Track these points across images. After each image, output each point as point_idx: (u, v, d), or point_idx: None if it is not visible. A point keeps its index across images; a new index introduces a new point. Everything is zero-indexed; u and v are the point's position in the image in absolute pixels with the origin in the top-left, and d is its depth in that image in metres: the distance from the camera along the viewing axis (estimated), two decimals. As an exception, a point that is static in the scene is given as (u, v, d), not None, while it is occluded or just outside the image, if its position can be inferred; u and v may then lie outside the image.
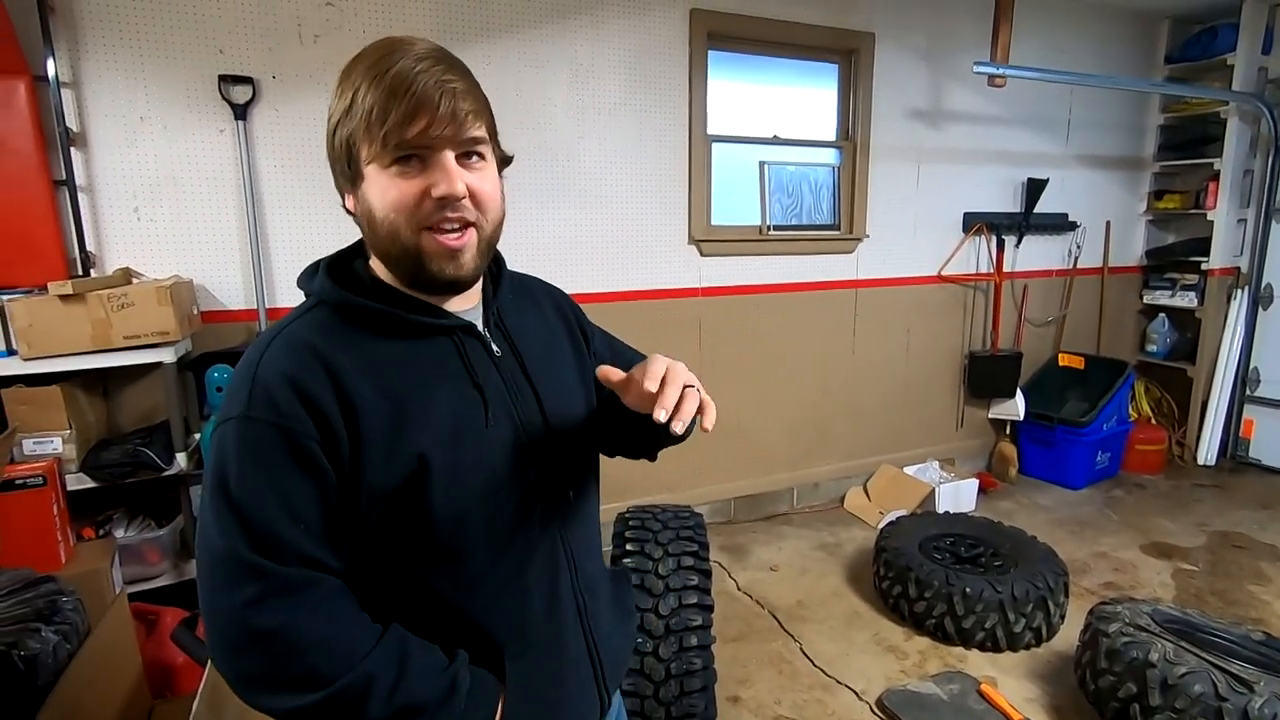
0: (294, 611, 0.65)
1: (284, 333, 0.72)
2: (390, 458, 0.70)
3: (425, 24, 2.53)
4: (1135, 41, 4.10)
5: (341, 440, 0.68)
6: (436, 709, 0.69)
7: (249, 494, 0.66)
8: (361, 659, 0.67)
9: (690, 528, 2.01)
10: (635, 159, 2.97)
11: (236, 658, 0.66)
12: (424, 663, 0.71)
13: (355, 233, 0.80)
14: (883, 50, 3.36)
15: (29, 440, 1.98)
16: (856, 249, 3.50)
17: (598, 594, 0.88)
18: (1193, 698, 1.74)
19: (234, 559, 0.65)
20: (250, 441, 0.67)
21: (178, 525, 2.28)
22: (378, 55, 0.69)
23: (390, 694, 0.67)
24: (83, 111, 2.17)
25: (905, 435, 3.85)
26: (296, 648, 0.65)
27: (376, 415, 0.69)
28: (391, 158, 0.69)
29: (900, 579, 2.54)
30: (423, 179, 0.70)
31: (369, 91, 0.67)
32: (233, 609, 0.65)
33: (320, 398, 0.68)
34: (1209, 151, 4.02)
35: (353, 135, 0.70)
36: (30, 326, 1.91)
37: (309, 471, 0.67)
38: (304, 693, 0.65)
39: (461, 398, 0.75)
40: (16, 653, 1.28)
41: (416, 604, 0.75)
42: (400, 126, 0.67)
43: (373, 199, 0.71)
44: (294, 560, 0.67)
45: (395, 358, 0.73)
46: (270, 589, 0.65)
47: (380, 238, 0.72)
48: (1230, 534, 3.31)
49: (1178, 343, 4.32)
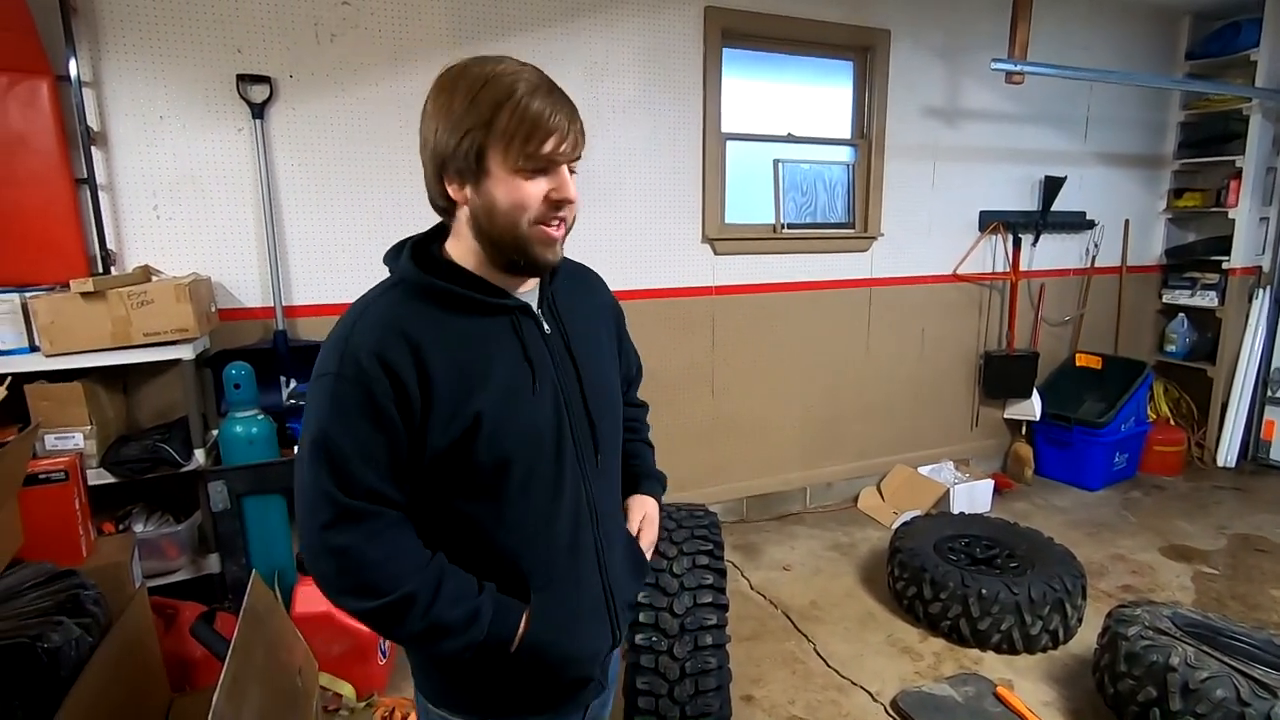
0: (358, 535, 0.81)
1: (372, 307, 0.86)
2: (453, 418, 0.83)
3: (441, 22, 2.54)
4: (1155, 37, 4.05)
5: (415, 402, 0.82)
6: (460, 631, 0.84)
7: (332, 437, 0.81)
8: (409, 580, 0.82)
9: (705, 527, 2.00)
10: (649, 157, 2.96)
11: (316, 562, 0.84)
12: (456, 592, 0.85)
13: (372, 229, 0.85)
14: (898, 47, 3.34)
15: (51, 435, 2.01)
16: (871, 247, 3.48)
17: (614, 545, 1.00)
18: (1215, 702, 1.72)
19: (317, 486, 0.81)
20: (338, 395, 0.81)
21: (195, 520, 2.31)
22: (511, 79, 0.81)
23: (425, 612, 0.82)
24: (103, 111, 2.20)
25: (919, 435, 3.82)
26: (358, 564, 0.82)
27: (445, 383, 0.83)
28: (528, 168, 0.82)
29: (915, 580, 2.52)
30: (545, 183, 0.84)
31: (513, 113, 0.80)
32: (315, 526, 0.82)
33: (400, 366, 0.81)
34: (1230, 149, 3.97)
35: (486, 143, 0.81)
36: (52, 323, 1.94)
37: (384, 423, 0.81)
38: (363, 599, 0.82)
39: (514, 368, 0.88)
40: (40, 645, 1.29)
41: (462, 536, 0.89)
42: (541, 147, 0.81)
43: (499, 194, 0.83)
44: (362, 494, 0.82)
45: (463, 331, 0.86)
46: (341, 513, 0.81)
47: (497, 226, 0.84)
48: (1251, 537, 3.27)
49: (1197, 343, 4.27)
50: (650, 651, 1.81)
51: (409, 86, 2.53)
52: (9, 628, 1.32)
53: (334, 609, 2.02)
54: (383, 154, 2.53)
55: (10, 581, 1.48)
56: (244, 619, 1.30)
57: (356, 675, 2.05)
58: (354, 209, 2.52)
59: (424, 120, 0.85)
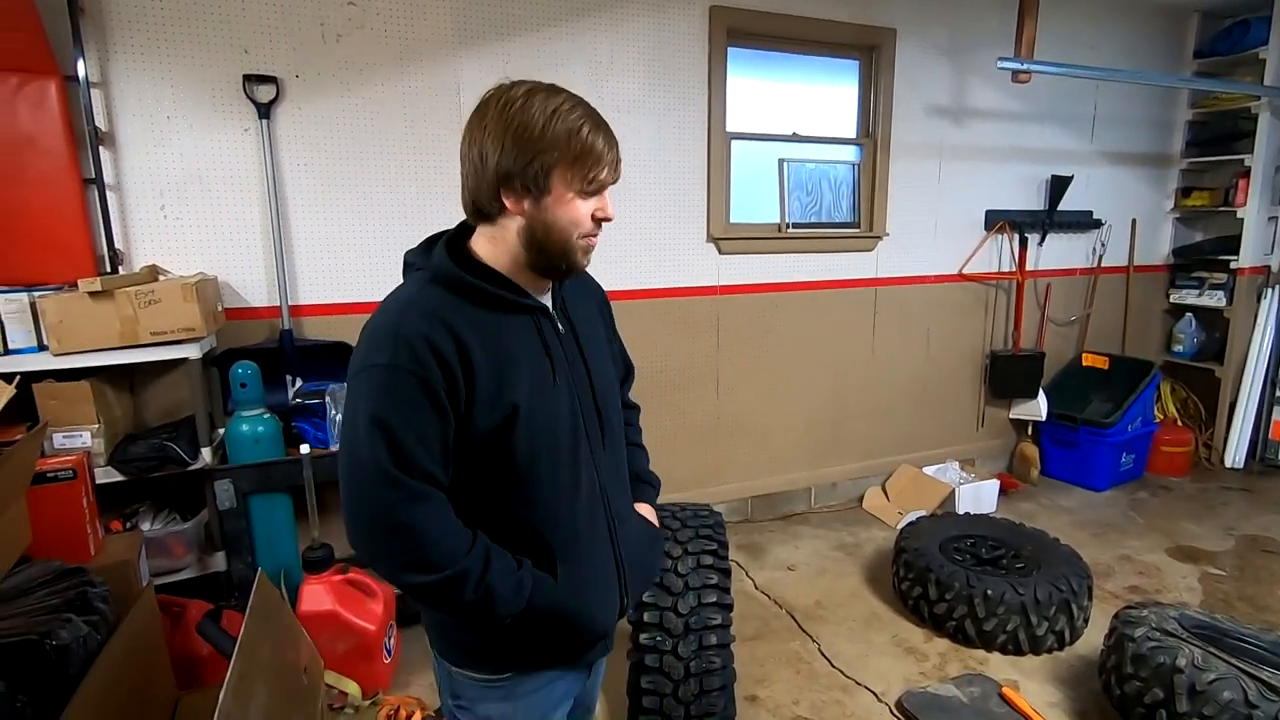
0: (420, 514, 0.89)
1: (415, 302, 0.92)
2: (493, 407, 0.92)
3: (447, 23, 2.54)
4: (1163, 36, 4.02)
5: (460, 390, 0.89)
6: (508, 599, 0.94)
7: (393, 423, 0.87)
8: (463, 556, 0.91)
9: (709, 527, 2.00)
10: (654, 157, 2.96)
11: (375, 541, 0.90)
12: (501, 565, 0.94)
13: (378, 229, 0.86)
14: (904, 46, 3.33)
15: (59, 434, 2.02)
16: (876, 247, 3.47)
17: (626, 522, 1.11)
18: (1222, 704, 1.71)
19: (378, 468, 0.87)
20: (394, 384, 0.87)
21: (202, 519, 2.32)
22: (582, 110, 0.93)
23: (478, 583, 0.91)
24: (111, 111, 2.21)
25: (925, 435, 3.81)
26: (421, 541, 0.89)
27: (485, 374, 0.91)
28: (585, 190, 0.93)
29: (920, 580, 2.51)
30: (592, 204, 0.95)
31: (586, 141, 0.91)
32: (377, 507, 0.88)
33: (449, 356, 0.88)
34: (1239, 148, 3.94)
35: (553, 162, 0.90)
36: (60, 323, 1.95)
37: (436, 410, 0.88)
38: (425, 573, 0.89)
39: (537, 361, 0.97)
40: (48, 642, 1.30)
41: (497, 516, 0.98)
42: (600, 173, 0.94)
43: (557, 211, 0.93)
44: (420, 475, 0.89)
45: (494, 326, 0.94)
46: (405, 494, 0.88)
47: (551, 237, 0.94)
48: (1259, 538, 3.25)
49: (1205, 343, 4.24)
50: (655, 651, 1.81)
51: (415, 86, 2.53)
52: (17, 625, 1.33)
53: (340, 607, 2.05)
54: (389, 154, 2.54)
55: (18, 579, 1.49)
56: (250, 617, 1.31)
57: (362, 673, 2.05)
58: (360, 209, 2.53)
59: (486, 134, 0.91)
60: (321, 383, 2.43)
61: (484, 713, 1.06)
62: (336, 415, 2.33)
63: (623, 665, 1.87)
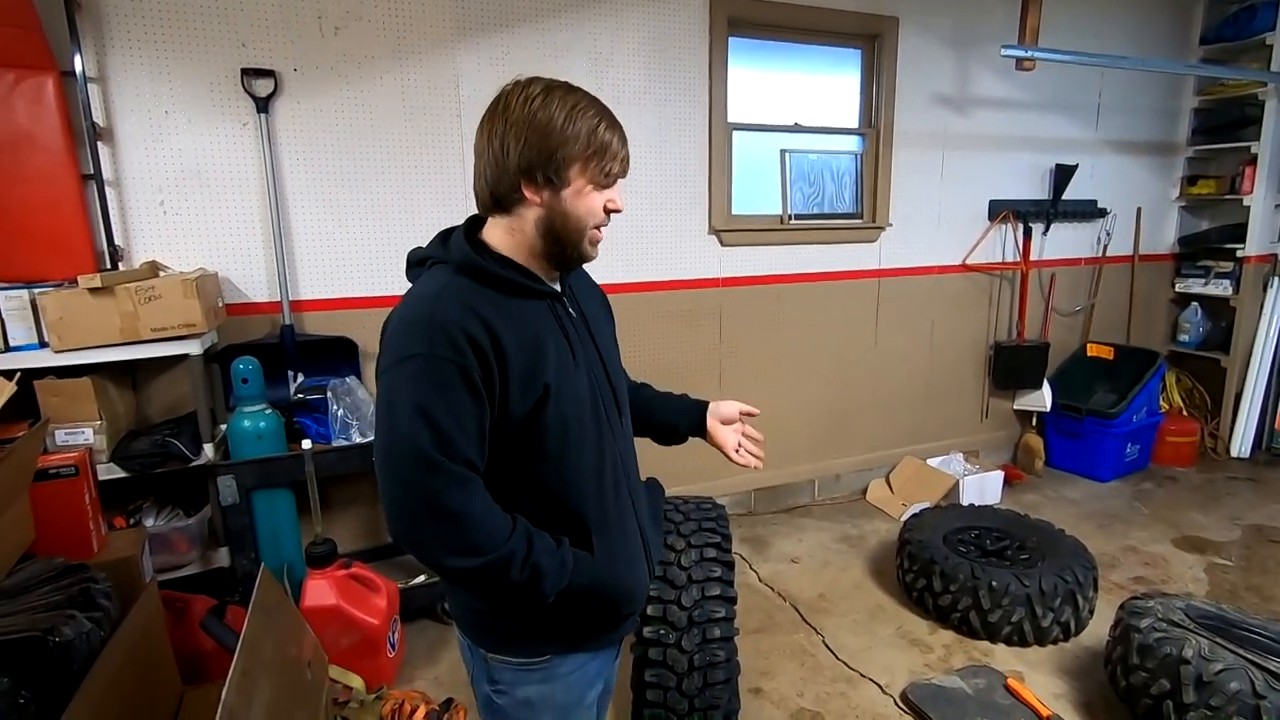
0: (464, 498, 0.91)
1: (444, 292, 0.94)
2: (526, 391, 0.94)
3: (446, 15, 2.53)
4: (1169, 22, 3.98)
5: (495, 376, 0.92)
6: (554, 576, 0.96)
7: (434, 409, 0.89)
8: (506, 539, 0.93)
9: (713, 520, 1.99)
10: (655, 148, 2.94)
11: (421, 528, 0.91)
12: (543, 544, 0.96)
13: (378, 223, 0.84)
14: (907, 35, 3.30)
15: (61, 431, 2.02)
16: (879, 238, 3.45)
17: (639, 494, 1.16)
18: (1229, 695, 1.70)
19: (423, 455, 0.88)
20: (433, 373, 0.89)
21: (205, 515, 2.32)
22: (598, 105, 0.97)
23: (524, 564, 0.93)
24: (109, 106, 2.20)
25: (928, 427, 3.80)
26: (467, 525, 0.91)
27: (517, 359, 0.93)
28: (600, 183, 0.98)
29: (925, 572, 2.51)
30: (603, 196, 0.99)
31: (603, 135, 0.95)
32: (422, 492, 0.89)
33: (483, 343, 0.90)
34: (1245, 135, 3.90)
35: (573, 155, 0.94)
36: (61, 319, 1.94)
37: (474, 396, 0.91)
38: (469, 557, 0.91)
39: (559, 344, 1.00)
40: (51, 639, 1.30)
41: (533, 494, 1.01)
42: (613, 165, 0.98)
43: (574, 202, 0.97)
44: (461, 461, 0.91)
45: (519, 313, 0.97)
46: (450, 480, 0.90)
47: (567, 228, 0.98)
48: (1265, 528, 3.23)
49: (1211, 332, 4.22)
50: (658, 644, 1.80)
51: (413, 79, 2.52)
52: (21, 622, 1.33)
53: (343, 601, 2.05)
54: (388, 147, 2.52)
55: (22, 576, 1.49)
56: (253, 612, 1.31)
57: (366, 668, 2.06)
58: (360, 202, 2.52)
59: (508, 128, 0.93)
60: (323, 378, 2.42)
61: (523, 695, 1.07)
62: (339, 411, 2.32)
63: (627, 658, 1.87)
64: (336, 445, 2.31)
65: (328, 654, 1.82)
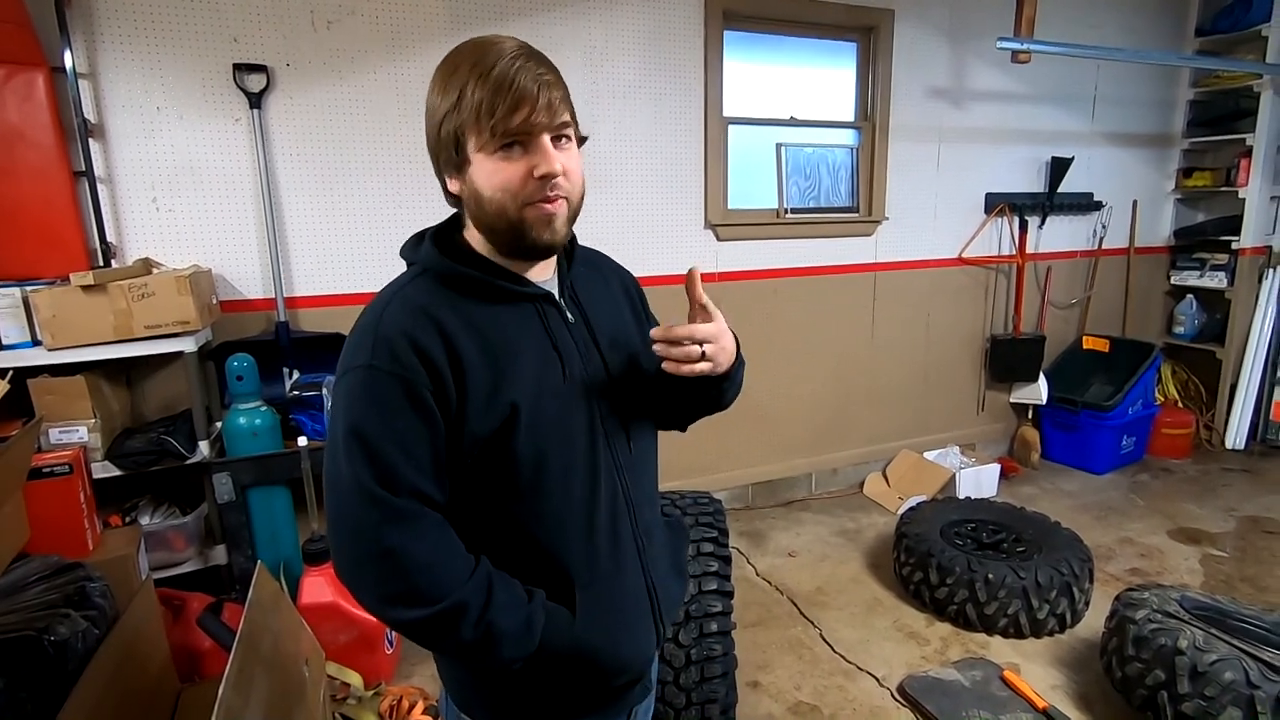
0: (405, 537, 0.76)
1: (399, 295, 0.82)
2: (488, 408, 0.80)
3: (439, 7, 2.51)
4: (1164, 14, 3.98)
5: (450, 390, 0.79)
6: (515, 639, 0.80)
7: (372, 433, 0.76)
8: (459, 587, 0.78)
9: (710, 514, 1.99)
10: (651, 142, 2.93)
11: (359, 570, 0.78)
12: (507, 598, 0.81)
13: (373, 219, 0.82)
14: (902, 27, 3.29)
15: (55, 429, 2.01)
16: (876, 231, 3.45)
17: (654, 539, 0.98)
18: (1224, 685, 1.71)
19: (358, 487, 0.76)
20: (373, 388, 0.77)
21: (201, 512, 2.31)
22: (477, 55, 0.78)
23: (478, 620, 0.78)
24: (100, 103, 2.18)
25: (925, 420, 3.80)
26: (406, 568, 0.76)
27: (478, 370, 0.80)
28: (498, 145, 0.78)
29: (921, 565, 2.52)
30: (525, 161, 0.79)
31: (476, 89, 0.76)
32: (357, 529, 0.77)
33: (433, 353, 0.78)
34: (1241, 127, 3.90)
35: (460, 127, 0.79)
36: (54, 317, 1.93)
37: (422, 415, 0.78)
38: (413, 607, 0.77)
39: (542, 357, 0.85)
40: (47, 638, 1.30)
41: (503, 536, 0.86)
42: (506, 118, 0.77)
43: (480, 181, 0.80)
44: (406, 492, 0.77)
45: (489, 319, 0.83)
46: (388, 515, 0.76)
47: (488, 214, 0.82)
48: (1260, 519, 3.25)
49: (1206, 324, 4.23)
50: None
51: (408, 73, 2.50)
52: (16, 621, 1.33)
53: (340, 598, 2.04)
54: (382, 142, 2.51)
55: (16, 575, 1.49)
56: (250, 610, 1.31)
57: (364, 664, 2.06)
58: (355, 198, 2.51)
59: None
60: (318, 374, 2.42)
61: None
62: (334, 407, 2.32)
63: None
64: (333, 442, 2.30)
65: (325, 651, 1.82)
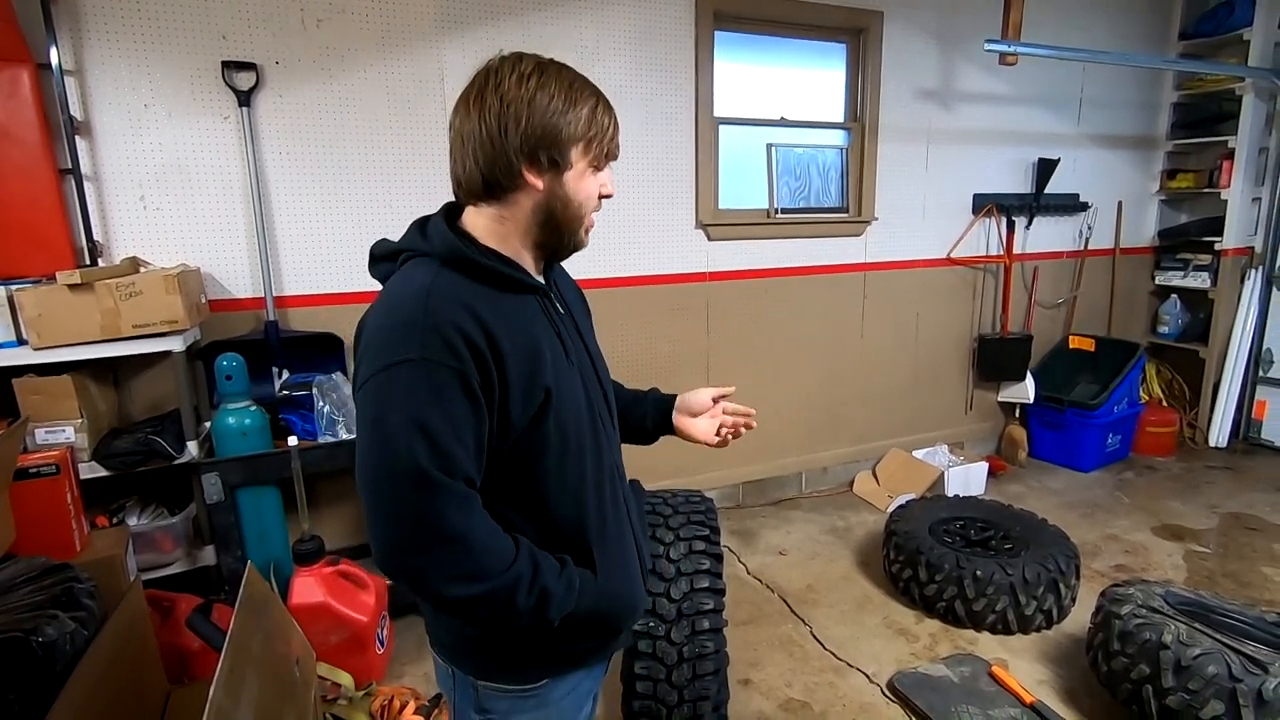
0: (467, 518, 0.82)
1: (434, 287, 0.84)
2: (528, 398, 0.87)
3: (429, 7, 2.50)
4: (1149, 17, 4.03)
5: (495, 383, 0.83)
6: (561, 600, 0.89)
7: (432, 421, 0.80)
8: (512, 561, 0.85)
9: (701, 512, 2.00)
10: (641, 143, 2.94)
11: (418, 555, 0.81)
12: (548, 564, 0.89)
13: (363, 218, 0.83)
14: (891, 29, 3.31)
15: (41, 429, 1.99)
16: (865, 231, 3.47)
17: (632, 502, 1.09)
18: (1207, 679, 1.73)
19: (421, 473, 0.79)
20: (432, 379, 0.80)
21: (190, 513, 2.30)
22: (588, 83, 0.91)
23: (530, 587, 0.86)
24: (87, 100, 2.16)
25: (914, 419, 3.83)
26: (471, 549, 0.82)
27: (515, 361, 0.85)
28: (599, 164, 0.92)
29: (911, 562, 2.54)
30: (598, 180, 0.93)
31: (603, 113, 0.90)
32: (419, 516, 0.80)
33: (481, 346, 0.82)
34: (1223, 129, 3.96)
35: (575, 136, 0.88)
36: (40, 316, 1.91)
37: (473, 405, 0.82)
38: (473, 583, 0.82)
39: (552, 341, 0.92)
40: (34, 639, 1.28)
41: (529, 512, 0.93)
42: (614, 146, 0.94)
43: (576, 186, 0.91)
44: (460, 477, 0.82)
45: (513, 310, 0.89)
46: (451, 500, 0.81)
47: (570, 213, 0.92)
48: (1243, 516, 3.30)
49: (1190, 324, 4.28)
50: (648, 637, 1.81)
51: (397, 72, 2.49)
52: (3, 622, 1.32)
53: (331, 598, 2.04)
54: (372, 141, 2.50)
55: (3, 577, 1.47)
56: (240, 610, 1.30)
57: (354, 664, 2.05)
58: (344, 197, 2.50)
59: (505, 106, 0.85)
60: (308, 374, 2.40)
61: None
62: (324, 407, 2.31)
63: (615, 655, 1.88)
64: (323, 442, 2.30)
65: (316, 651, 1.81)
